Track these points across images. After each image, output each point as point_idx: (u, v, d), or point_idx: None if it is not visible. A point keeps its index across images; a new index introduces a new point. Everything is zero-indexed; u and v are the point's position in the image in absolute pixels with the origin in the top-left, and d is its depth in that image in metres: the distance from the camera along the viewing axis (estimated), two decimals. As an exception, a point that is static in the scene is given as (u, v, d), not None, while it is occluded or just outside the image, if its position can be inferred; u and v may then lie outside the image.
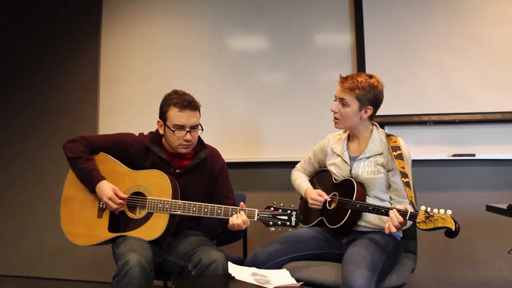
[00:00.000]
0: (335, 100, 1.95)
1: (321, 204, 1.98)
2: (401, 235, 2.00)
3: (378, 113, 2.04)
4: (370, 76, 1.91)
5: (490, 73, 2.60)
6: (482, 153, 2.60)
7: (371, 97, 1.88)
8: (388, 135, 1.95)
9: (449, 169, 2.71)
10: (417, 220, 1.59)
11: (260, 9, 2.96)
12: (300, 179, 2.19)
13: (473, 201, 2.63)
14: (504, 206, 1.91)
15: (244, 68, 2.97)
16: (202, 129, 2.00)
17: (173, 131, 1.92)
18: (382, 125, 2.69)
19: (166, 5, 3.11)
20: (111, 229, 1.94)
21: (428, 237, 2.61)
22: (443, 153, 2.66)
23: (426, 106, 2.67)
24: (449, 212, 1.55)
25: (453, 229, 1.52)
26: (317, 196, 1.98)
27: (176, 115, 1.92)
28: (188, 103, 1.92)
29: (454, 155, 2.63)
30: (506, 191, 2.61)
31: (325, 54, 2.87)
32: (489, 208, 2.05)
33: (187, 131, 1.93)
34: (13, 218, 3.34)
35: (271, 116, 2.91)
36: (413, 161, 2.56)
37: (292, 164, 2.31)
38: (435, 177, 2.72)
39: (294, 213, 1.78)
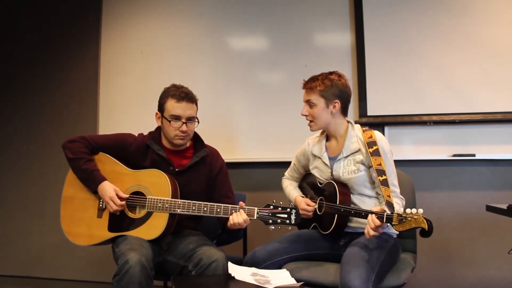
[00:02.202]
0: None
1: (311, 213, 1.99)
2: (397, 232, 1.97)
3: (378, 113, 2.04)
4: (330, 73, 1.95)
5: (490, 73, 2.60)
6: (482, 153, 2.60)
7: (335, 91, 1.91)
8: (364, 131, 1.95)
9: (449, 169, 2.71)
10: (393, 222, 1.58)
11: (260, 9, 2.96)
12: (290, 187, 2.20)
13: (473, 201, 2.63)
14: (504, 206, 1.91)
15: (244, 67, 2.97)
16: (198, 122, 2.03)
17: (169, 121, 1.94)
18: (382, 125, 2.70)
19: (166, 4, 3.12)
20: (110, 228, 1.94)
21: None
22: (443, 153, 2.66)
23: (426, 106, 2.67)
24: (421, 211, 1.53)
25: (426, 228, 1.51)
26: (305, 206, 1.99)
27: (173, 106, 1.95)
28: (185, 95, 1.96)
29: (454, 155, 2.62)
30: (506, 191, 2.61)
31: (325, 53, 2.87)
32: (489, 208, 2.05)
33: (183, 122, 1.96)
34: (13, 218, 3.33)
35: (271, 116, 2.91)
36: (413, 161, 2.56)
37: (292, 164, 2.31)
38: (435, 177, 2.72)
39: (293, 211, 1.78)
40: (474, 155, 2.59)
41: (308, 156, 2.11)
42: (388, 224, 1.62)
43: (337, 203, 1.87)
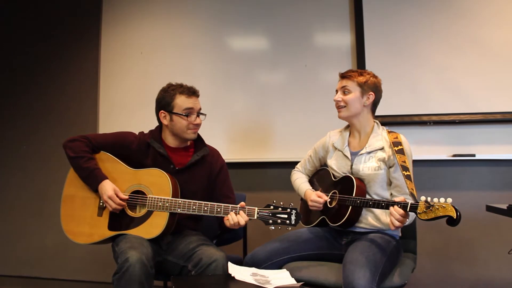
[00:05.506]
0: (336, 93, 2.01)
1: (322, 205, 1.97)
2: (400, 235, 2.00)
3: (378, 113, 2.05)
4: (366, 70, 2.04)
5: (490, 73, 2.60)
6: (482, 153, 2.60)
7: (371, 84, 1.97)
8: (389, 132, 1.98)
9: (449, 169, 2.71)
10: (418, 211, 1.58)
11: (260, 9, 2.97)
12: (300, 180, 2.18)
13: (473, 201, 2.62)
14: (504, 206, 1.91)
15: (244, 68, 2.98)
16: (205, 115, 2.09)
17: (186, 116, 2.00)
18: (382, 125, 2.70)
19: (166, 5, 3.12)
20: (111, 227, 1.94)
21: (428, 237, 2.63)
22: (443, 153, 2.66)
23: (426, 106, 2.67)
24: (449, 200, 1.55)
25: (455, 217, 1.51)
26: (316, 198, 1.97)
27: (185, 101, 2.01)
28: (194, 91, 2.06)
29: (454, 155, 2.62)
30: (506, 191, 2.61)
31: (325, 54, 2.87)
32: (489, 208, 2.05)
33: (197, 115, 2.03)
34: (13, 218, 3.34)
35: (271, 116, 2.91)
36: (413, 161, 2.56)
37: (292, 164, 2.31)
38: (435, 177, 2.72)
39: (294, 211, 1.78)
40: (474, 155, 2.60)
41: (328, 148, 2.11)
42: (413, 213, 1.63)
43: (353, 195, 1.86)
